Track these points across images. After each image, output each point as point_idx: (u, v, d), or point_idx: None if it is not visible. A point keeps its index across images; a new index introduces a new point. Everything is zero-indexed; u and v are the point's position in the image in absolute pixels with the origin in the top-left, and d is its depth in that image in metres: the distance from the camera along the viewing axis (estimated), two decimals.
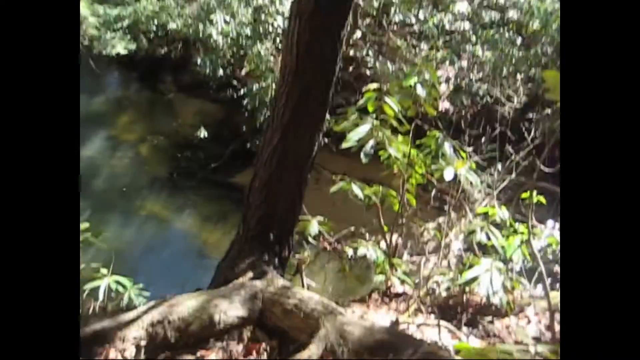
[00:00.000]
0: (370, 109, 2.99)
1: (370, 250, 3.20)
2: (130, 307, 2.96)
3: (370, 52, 7.42)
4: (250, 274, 2.58)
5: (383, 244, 3.54)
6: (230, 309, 2.33)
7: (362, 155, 2.78)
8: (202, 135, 7.47)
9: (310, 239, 3.64)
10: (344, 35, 2.68)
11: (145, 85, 9.04)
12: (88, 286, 3.13)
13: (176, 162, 7.62)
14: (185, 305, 2.30)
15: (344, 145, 2.72)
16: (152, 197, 7.09)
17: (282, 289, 2.44)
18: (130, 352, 2.16)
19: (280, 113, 2.70)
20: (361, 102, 2.93)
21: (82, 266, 3.47)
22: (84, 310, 3.23)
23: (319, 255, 4.24)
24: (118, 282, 3.15)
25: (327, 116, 2.95)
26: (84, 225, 3.44)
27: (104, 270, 3.19)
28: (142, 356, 2.19)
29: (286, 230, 2.88)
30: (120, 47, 7.62)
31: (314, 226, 3.38)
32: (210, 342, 2.30)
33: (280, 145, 2.72)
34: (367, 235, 3.98)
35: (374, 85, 3.14)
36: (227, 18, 7.42)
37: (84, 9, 7.40)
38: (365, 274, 4.31)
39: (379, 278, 3.25)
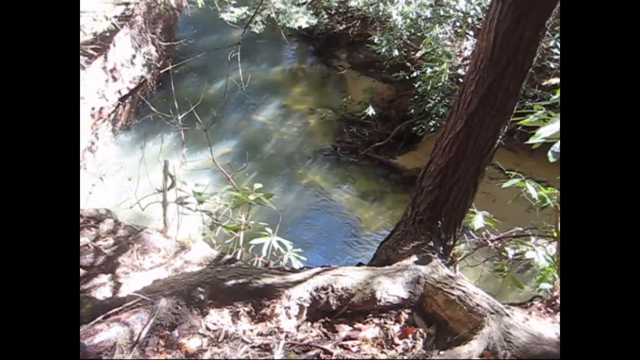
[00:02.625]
0: None
1: (539, 254, 3.01)
2: (289, 267, 3.11)
3: (557, 43, 6.86)
4: (414, 258, 2.56)
5: (549, 250, 3.30)
6: (392, 289, 2.35)
7: (549, 153, 2.57)
8: (369, 113, 7.56)
9: (472, 233, 3.52)
10: (550, 24, 2.49)
11: (320, 60, 9.36)
12: (254, 241, 3.35)
13: (341, 136, 7.83)
14: (350, 276, 2.37)
15: (532, 140, 2.53)
16: (315, 167, 7.38)
17: (446, 278, 2.39)
18: (294, 310, 2.28)
19: (467, 100, 2.61)
20: (554, 97, 2.71)
21: (251, 223, 3.75)
22: (248, 262, 3.48)
23: (475, 250, 4.10)
24: (280, 243, 3.34)
25: None
26: (257, 186, 3.70)
27: (269, 230, 3.40)
28: (304, 317, 2.30)
29: (455, 219, 2.81)
30: (303, 21, 7.95)
31: (479, 220, 3.27)
32: (368, 316, 2.34)
33: (462, 133, 2.64)
34: (532, 238, 3.75)
35: (556, 80, 2.90)
36: None
37: None
38: (522, 278, 4.07)
39: (545, 286, 3.05)
